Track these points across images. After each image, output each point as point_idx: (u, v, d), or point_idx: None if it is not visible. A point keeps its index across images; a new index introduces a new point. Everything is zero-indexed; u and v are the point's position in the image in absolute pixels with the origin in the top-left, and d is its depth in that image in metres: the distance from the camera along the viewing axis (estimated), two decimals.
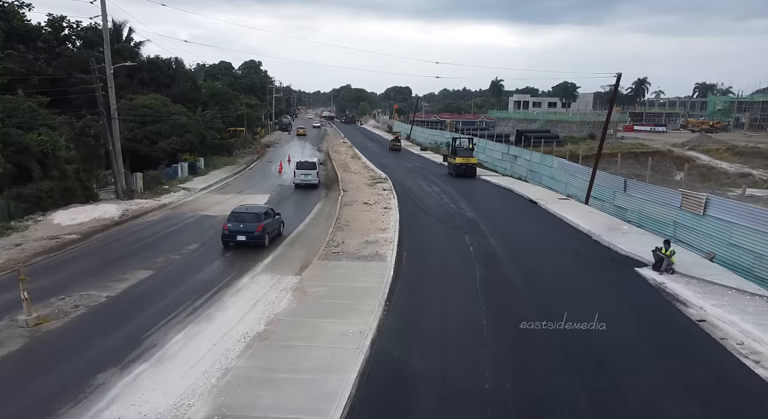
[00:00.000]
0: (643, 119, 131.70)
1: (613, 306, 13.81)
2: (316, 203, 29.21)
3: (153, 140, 38.23)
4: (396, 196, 30.42)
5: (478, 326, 12.29)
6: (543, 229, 22.80)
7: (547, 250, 19.38)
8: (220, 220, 23.74)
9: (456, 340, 11.69)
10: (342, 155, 56.41)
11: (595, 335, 11.77)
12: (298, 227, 23.06)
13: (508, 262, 17.65)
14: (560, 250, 19.37)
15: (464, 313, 13.12)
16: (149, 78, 50.41)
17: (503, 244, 19.87)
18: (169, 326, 12.15)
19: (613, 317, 12.82)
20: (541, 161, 38.93)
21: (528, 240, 20.84)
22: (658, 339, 11.95)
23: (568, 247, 19.69)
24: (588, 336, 11.72)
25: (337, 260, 17.52)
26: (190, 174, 37.67)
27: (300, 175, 34.41)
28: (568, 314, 12.44)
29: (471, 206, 27.66)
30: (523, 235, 21.74)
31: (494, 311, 13.11)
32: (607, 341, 11.58)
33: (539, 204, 28.07)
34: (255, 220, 19.33)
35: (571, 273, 16.59)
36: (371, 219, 24.16)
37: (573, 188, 32.47)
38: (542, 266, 17.19)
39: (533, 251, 19.10)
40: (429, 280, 15.77)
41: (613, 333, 11.88)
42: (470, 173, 38.75)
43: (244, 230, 18.94)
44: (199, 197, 30.37)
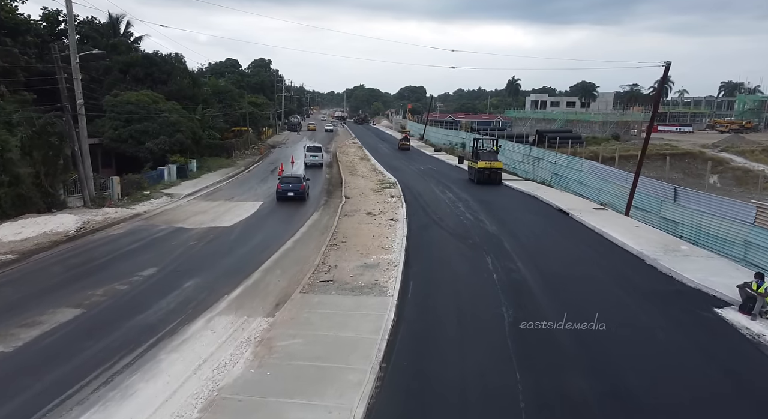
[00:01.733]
0: (667, 119, 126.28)
1: (704, 373, 9.83)
2: (313, 213, 25.44)
3: (139, 139, 34.78)
4: (405, 204, 26.54)
5: (514, 411, 8.38)
6: (581, 248, 18.74)
7: (591, 278, 15.34)
8: (196, 234, 20.18)
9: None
10: (350, 157, 52.67)
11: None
12: (286, 244, 19.27)
13: (544, 297, 13.68)
14: (608, 279, 15.33)
15: (491, 386, 9.21)
16: (144, 74, 47.02)
17: (534, 269, 15.89)
18: (63, 409, 8.37)
19: (712, 393, 8.86)
20: (568, 163, 34.77)
21: (565, 264, 16.80)
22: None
23: (618, 274, 15.65)
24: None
25: (324, 293, 13.70)
26: (179, 177, 34.16)
27: (309, 156, 44.25)
28: (645, 389, 8.50)
29: (491, 217, 23.70)
30: (557, 257, 17.70)
31: (534, 384, 9.18)
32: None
33: (572, 215, 24.00)
34: (298, 182, 28.76)
35: (630, 314, 12.57)
36: (374, 234, 20.32)
37: (607, 195, 28.35)
38: (589, 302, 13.18)
39: (574, 281, 15.07)
40: (442, 327, 11.83)
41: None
42: (495, 180, 33.95)
43: (292, 188, 28.03)
44: (181, 205, 26.74)
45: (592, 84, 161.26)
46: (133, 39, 56.24)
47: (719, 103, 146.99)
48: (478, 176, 33.99)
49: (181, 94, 47.85)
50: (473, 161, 36.02)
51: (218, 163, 42.77)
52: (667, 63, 23.15)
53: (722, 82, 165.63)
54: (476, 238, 20.00)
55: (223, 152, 48.06)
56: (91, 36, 54.01)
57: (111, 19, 55.26)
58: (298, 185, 28.15)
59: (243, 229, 21.57)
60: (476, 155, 35.85)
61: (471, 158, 37.03)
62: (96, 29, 54.28)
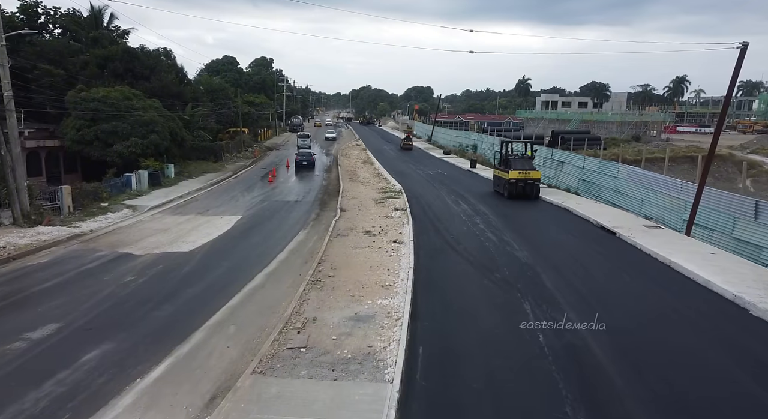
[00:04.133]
0: (684, 120, 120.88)
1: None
2: (299, 230, 20.78)
3: (107, 141, 30.29)
4: (411, 219, 21.86)
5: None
6: (650, 288, 13.87)
7: (687, 349, 10.35)
8: (141, 265, 15.58)
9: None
10: (352, 160, 48.04)
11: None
12: (254, 280, 14.58)
13: (624, 382, 8.87)
14: (710, 346, 10.47)
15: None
16: (124, 69, 42.61)
17: (597, 327, 11.10)
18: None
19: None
20: (600, 168, 29.83)
21: (637, 318, 11.95)
22: None
23: (724, 339, 10.79)
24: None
25: (289, 373, 9.01)
26: (151, 185, 29.61)
27: (300, 141, 57.75)
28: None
29: (519, 238, 18.93)
30: (622, 303, 12.82)
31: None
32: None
33: (620, 235, 19.16)
34: (309, 156, 43.10)
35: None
36: (371, 263, 15.64)
37: (652, 208, 23.54)
38: (702, 398, 8.41)
39: (663, 352, 10.18)
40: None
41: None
42: (531, 193, 27.10)
43: (306, 160, 41.85)
44: (142, 221, 22.15)
45: (602, 84, 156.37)
46: (119, 32, 51.76)
47: (738, 103, 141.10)
48: (509, 189, 27.09)
49: (166, 91, 43.41)
50: (502, 169, 28.53)
51: (203, 167, 38.22)
52: (743, 44, 18.27)
53: (740, 82, 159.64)
54: (505, 270, 15.23)
55: (211, 155, 43.52)
56: (71, 29, 49.88)
57: (93, 11, 50.91)
58: (310, 157, 42.73)
59: (205, 256, 16.93)
60: (506, 162, 28.24)
61: (499, 166, 29.54)
62: (76, 22, 50.04)
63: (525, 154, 29.95)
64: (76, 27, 49.60)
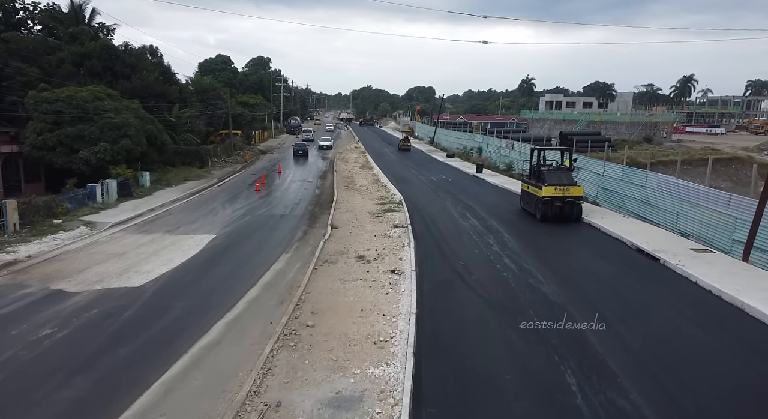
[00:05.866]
0: (693, 120, 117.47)
1: None
2: (281, 255, 17.46)
3: (72, 146, 27.04)
4: (413, 240, 18.58)
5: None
6: (732, 345, 10.49)
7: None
8: (69, 309, 12.38)
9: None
10: (349, 165, 44.74)
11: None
12: (211, 331, 11.25)
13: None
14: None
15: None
16: (102, 67, 39.42)
17: (670, 411, 7.83)
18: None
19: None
20: (623, 176, 26.42)
21: (731, 396, 8.69)
22: None
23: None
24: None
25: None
26: (122, 196, 26.32)
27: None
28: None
29: (543, 266, 15.62)
30: (700, 372, 9.51)
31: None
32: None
33: (666, 263, 15.83)
34: (305, 147, 53.77)
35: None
36: (363, 305, 12.39)
37: (690, 223, 20.18)
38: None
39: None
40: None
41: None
42: (572, 214, 21.78)
43: (302, 150, 53.17)
44: (96, 243, 18.86)
45: (607, 84, 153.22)
46: (104, 30, 48.41)
47: (748, 103, 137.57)
48: (542, 210, 21.59)
49: (148, 91, 40.17)
50: (532, 184, 22.94)
51: (185, 174, 34.91)
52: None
53: (749, 81, 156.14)
54: (531, 313, 11.93)
55: (196, 161, 40.23)
56: (49, 25, 46.74)
57: (73, 6, 47.68)
58: (306, 149, 53.25)
59: (157, 293, 13.63)
60: (537, 176, 22.73)
61: (528, 179, 23.69)
62: (56, 18, 46.87)
63: (561, 164, 24.13)
64: (55, 23, 46.48)
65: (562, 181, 21.75)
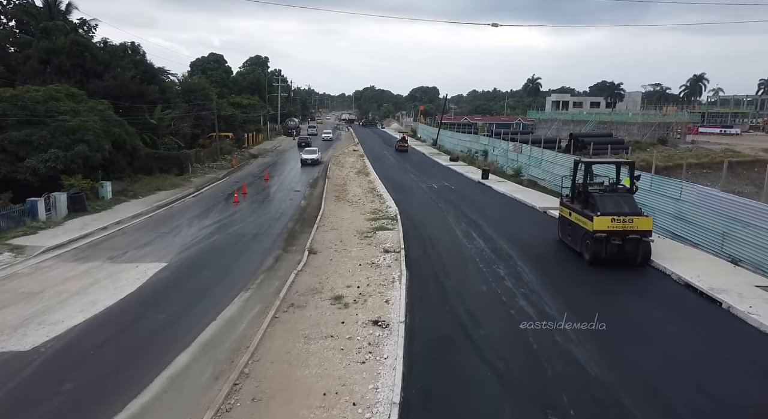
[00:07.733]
0: (705, 120, 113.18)
1: None
2: (238, 294, 13.80)
3: (17, 154, 23.53)
4: (406, 271, 14.93)
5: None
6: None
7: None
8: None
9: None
10: (345, 170, 41.11)
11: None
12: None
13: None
14: None
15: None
16: (71, 65, 35.97)
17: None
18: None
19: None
20: (652, 186, 22.59)
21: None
22: None
23: None
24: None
25: None
26: (72, 211, 22.72)
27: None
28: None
29: (573, 312, 11.92)
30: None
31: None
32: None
33: (731, 309, 12.15)
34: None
35: None
36: (327, 385, 8.78)
37: (741, 246, 16.39)
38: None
39: None
40: None
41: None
42: (636, 256, 15.70)
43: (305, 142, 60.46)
44: (14, 275, 15.23)
45: (614, 83, 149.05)
46: (82, 24, 44.89)
47: (761, 102, 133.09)
48: (594, 249, 15.61)
49: (123, 91, 36.70)
50: (578, 211, 16.94)
51: (158, 183, 31.31)
52: None
53: (761, 80, 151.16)
54: (566, 404, 8.29)
55: (175, 167, 36.66)
56: (23, 20, 43.40)
57: (47, 1, 44.25)
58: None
59: (45, 365, 9.94)
60: (584, 200, 16.76)
61: (571, 203, 17.86)
62: (28, 12, 43.48)
63: (618, 184, 17.90)
64: (29, 18, 43.10)
65: (622, 209, 15.83)
